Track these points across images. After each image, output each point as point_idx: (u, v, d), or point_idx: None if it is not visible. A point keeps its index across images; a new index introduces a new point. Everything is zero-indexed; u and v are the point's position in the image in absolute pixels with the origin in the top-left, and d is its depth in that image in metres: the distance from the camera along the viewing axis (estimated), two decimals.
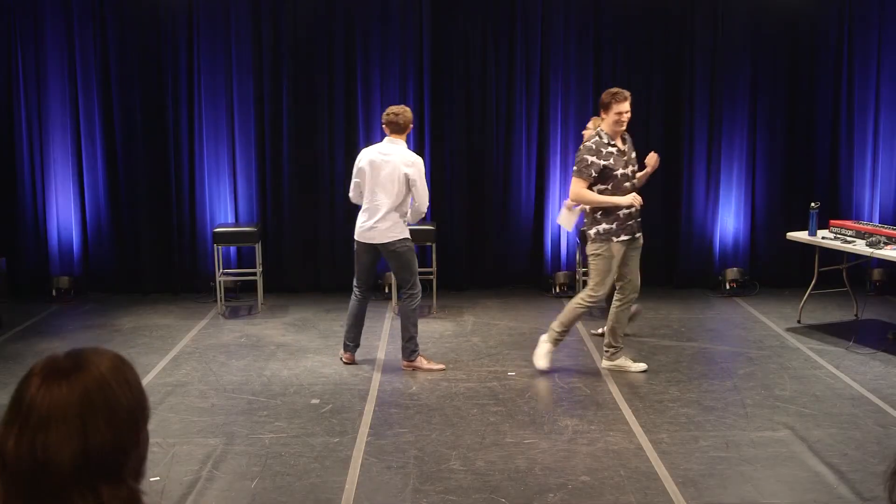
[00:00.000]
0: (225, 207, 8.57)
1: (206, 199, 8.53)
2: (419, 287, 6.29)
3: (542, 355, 6.18)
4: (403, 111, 6.20)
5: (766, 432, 5.13)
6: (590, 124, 7.08)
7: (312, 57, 8.42)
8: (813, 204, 7.29)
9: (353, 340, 6.39)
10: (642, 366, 6.21)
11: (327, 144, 8.50)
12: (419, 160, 6.16)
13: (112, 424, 1.42)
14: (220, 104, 8.42)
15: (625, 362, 6.20)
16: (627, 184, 5.98)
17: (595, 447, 4.90)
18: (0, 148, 8.41)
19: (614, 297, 6.19)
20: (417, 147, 8.51)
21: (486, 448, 4.90)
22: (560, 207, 7.57)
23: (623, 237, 5.99)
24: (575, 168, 6.01)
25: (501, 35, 8.50)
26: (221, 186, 8.54)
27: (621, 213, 5.94)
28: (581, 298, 6.10)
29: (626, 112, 5.87)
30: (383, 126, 6.23)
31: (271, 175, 8.54)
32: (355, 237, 6.22)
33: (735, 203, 8.63)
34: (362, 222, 6.14)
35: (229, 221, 8.52)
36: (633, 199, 5.95)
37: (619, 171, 5.93)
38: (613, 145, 5.94)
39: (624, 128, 5.97)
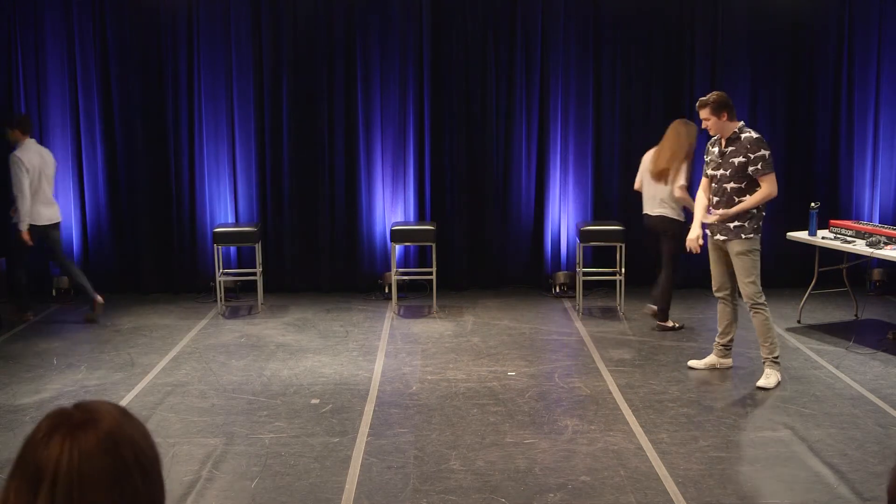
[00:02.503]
0: (225, 207, 8.57)
1: (206, 199, 8.53)
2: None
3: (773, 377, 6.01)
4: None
5: (766, 432, 5.13)
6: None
7: (312, 57, 8.42)
8: (813, 204, 7.29)
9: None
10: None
11: (327, 144, 8.50)
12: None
13: (143, 475, 1.28)
14: (220, 104, 8.42)
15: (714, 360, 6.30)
16: (714, 184, 6.04)
17: (595, 447, 4.90)
18: (0, 148, 8.41)
19: None
20: (418, 147, 8.53)
21: (486, 448, 4.90)
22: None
23: (707, 231, 6.18)
24: None
25: (501, 35, 8.50)
26: (221, 186, 8.55)
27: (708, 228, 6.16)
28: None
29: (703, 122, 5.99)
30: (25, 129, 7.35)
31: (271, 175, 8.54)
32: (46, 221, 7.41)
33: None
34: (51, 208, 7.50)
35: (229, 221, 8.52)
36: (695, 231, 6.20)
37: (709, 171, 6.08)
38: (716, 147, 6.03)
39: (713, 134, 6.02)
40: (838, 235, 7.15)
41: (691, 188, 7.06)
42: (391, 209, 8.61)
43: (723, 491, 4.37)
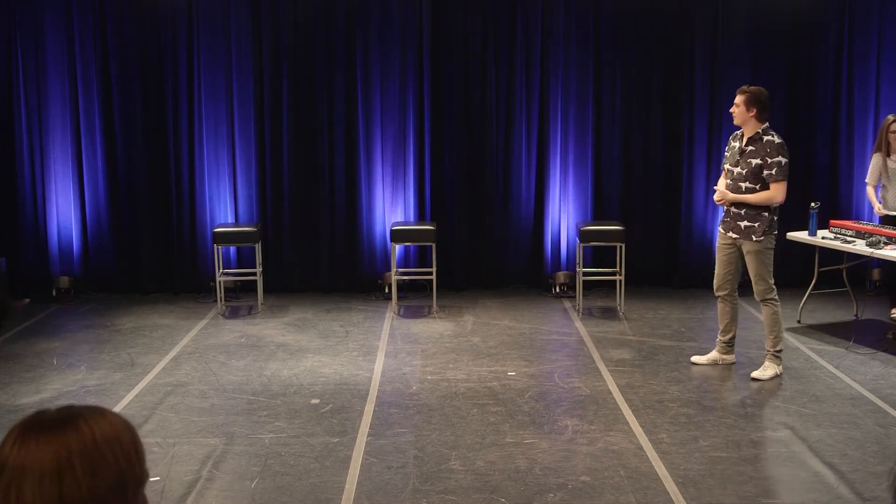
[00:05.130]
0: (225, 207, 8.57)
1: (206, 199, 8.52)
2: None
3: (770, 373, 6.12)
4: None
5: (766, 432, 5.13)
6: None
7: (312, 57, 8.42)
8: (813, 204, 7.29)
9: None
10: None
11: (327, 144, 8.50)
12: None
13: (92, 485, 1.33)
14: (220, 104, 8.42)
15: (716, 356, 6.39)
16: (728, 180, 6.09)
17: (595, 447, 4.90)
18: (0, 148, 8.42)
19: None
20: (418, 147, 8.52)
21: (486, 448, 4.90)
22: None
23: (720, 228, 6.24)
24: None
25: (501, 35, 8.50)
26: (221, 186, 8.54)
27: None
28: None
29: (733, 105, 5.98)
30: None
31: (271, 175, 8.54)
32: None
33: None
34: None
35: (229, 221, 8.52)
36: (717, 193, 6.14)
37: (725, 166, 6.15)
38: (739, 140, 6.04)
39: (736, 123, 6.01)
40: (838, 235, 7.15)
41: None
42: (391, 209, 8.61)
43: (723, 491, 4.37)
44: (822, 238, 7.21)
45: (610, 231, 7.91)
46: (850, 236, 7.03)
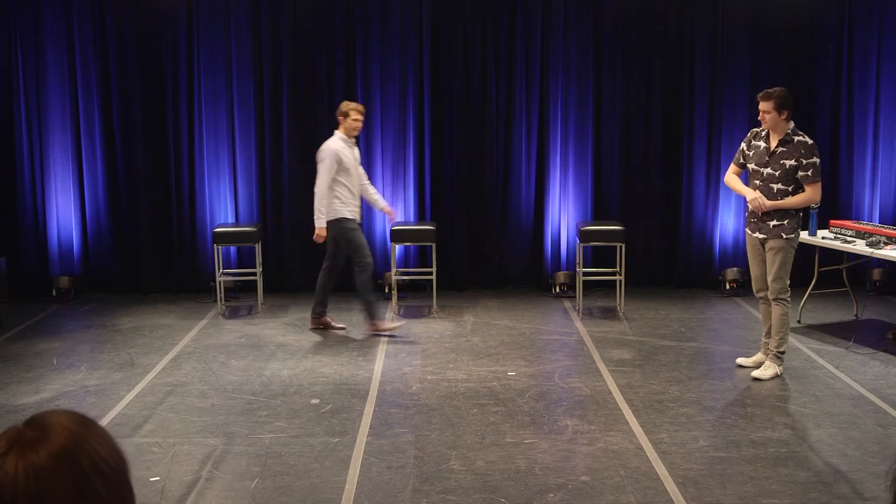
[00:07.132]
0: (225, 207, 8.57)
1: (206, 199, 8.52)
2: (366, 259, 7.16)
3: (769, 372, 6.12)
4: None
5: (766, 432, 5.13)
6: None
7: (312, 57, 8.42)
8: (813, 204, 7.28)
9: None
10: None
11: None
12: (322, 149, 7.12)
13: (105, 482, 1.23)
14: (220, 104, 8.42)
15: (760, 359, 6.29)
16: (757, 181, 5.99)
17: (595, 447, 4.90)
18: (0, 148, 8.42)
19: None
20: (418, 147, 8.53)
21: (486, 448, 4.90)
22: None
23: (747, 229, 6.17)
24: None
25: (501, 35, 8.51)
26: (221, 186, 8.54)
27: (749, 205, 6.10)
28: None
29: (761, 112, 5.88)
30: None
31: (271, 175, 8.54)
32: (354, 216, 7.19)
33: (735, 203, 8.63)
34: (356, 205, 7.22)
35: (229, 221, 8.52)
36: (751, 196, 6.00)
37: (751, 166, 6.04)
38: (765, 140, 5.98)
39: (768, 128, 5.91)
40: (838, 235, 7.15)
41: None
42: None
43: (723, 491, 4.37)
44: (822, 238, 7.21)
45: (610, 231, 7.91)
46: (850, 236, 7.03)
